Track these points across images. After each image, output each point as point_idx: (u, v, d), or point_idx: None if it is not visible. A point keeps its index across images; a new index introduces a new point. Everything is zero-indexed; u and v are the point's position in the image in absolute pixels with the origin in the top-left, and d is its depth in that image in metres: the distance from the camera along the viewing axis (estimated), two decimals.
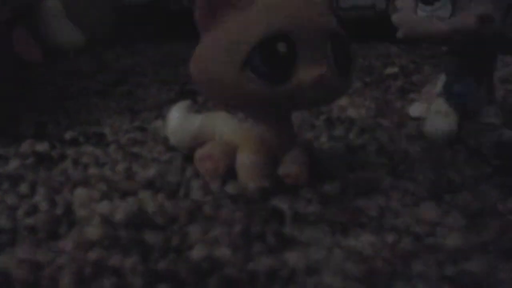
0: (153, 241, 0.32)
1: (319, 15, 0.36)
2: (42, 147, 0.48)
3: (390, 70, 0.75)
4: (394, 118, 0.54)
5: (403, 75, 0.72)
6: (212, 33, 0.36)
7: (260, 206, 0.36)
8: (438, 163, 0.42)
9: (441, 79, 0.50)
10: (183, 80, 0.70)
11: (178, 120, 0.44)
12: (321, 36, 0.35)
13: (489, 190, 0.38)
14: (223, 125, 0.41)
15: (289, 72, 0.34)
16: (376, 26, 0.85)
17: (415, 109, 0.54)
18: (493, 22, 0.42)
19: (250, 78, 0.34)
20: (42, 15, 0.92)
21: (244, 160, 0.38)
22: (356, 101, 0.60)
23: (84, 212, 0.35)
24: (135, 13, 1.35)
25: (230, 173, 0.39)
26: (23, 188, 0.39)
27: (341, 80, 0.36)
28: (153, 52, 0.94)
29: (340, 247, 0.31)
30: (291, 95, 0.35)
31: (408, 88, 0.66)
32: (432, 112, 0.48)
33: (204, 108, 0.50)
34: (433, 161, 0.43)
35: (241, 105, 0.37)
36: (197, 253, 0.30)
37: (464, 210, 0.35)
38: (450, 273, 0.28)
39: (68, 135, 0.50)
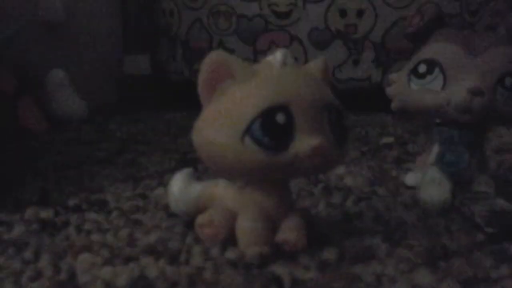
0: None
1: (317, 87, 0.38)
2: (46, 213, 0.49)
3: (386, 140, 0.77)
4: (390, 187, 0.55)
5: (399, 145, 0.74)
6: (214, 104, 0.38)
7: (259, 272, 0.37)
8: (433, 230, 0.44)
9: (434, 148, 0.51)
10: (184, 149, 0.71)
11: (179, 187, 0.46)
12: (318, 108, 0.37)
13: (483, 257, 0.39)
14: (223, 193, 0.43)
15: (288, 142, 0.36)
16: (372, 97, 0.87)
17: (410, 178, 0.55)
18: (483, 96, 0.44)
19: (250, 147, 0.35)
20: (47, 85, 0.95)
21: (244, 226, 0.39)
22: (353, 170, 0.62)
23: (87, 278, 0.36)
24: (137, 83, 1.38)
25: (230, 239, 0.40)
26: (28, 254, 0.40)
27: (337, 150, 0.38)
28: (154, 121, 0.97)
29: None
30: (289, 164, 0.36)
31: (404, 158, 0.67)
32: (426, 181, 0.50)
33: (205, 176, 0.52)
34: (428, 228, 0.44)
35: (240, 173, 0.39)
36: None
37: (459, 276, 0.36)
38: None
39: (71, 202, 0.52)
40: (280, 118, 0.36)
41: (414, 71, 0.47)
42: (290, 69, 0.39)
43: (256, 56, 1.01)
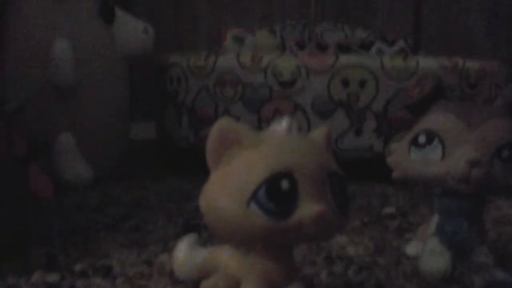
0: None
1: (320, 155, 0.40)
2: (52, 278, 0.49)
3: (388, 210, 0.77)
4: (392, 257, 0.56)
5: (400, 215, 0.75)
6: (221, 170, 0.39)
7: None
8: None
9: (434, 219, 0.52)
10: (188, 215, 0.73)
11: (184, 252, 0.47)
12: (322, 175, 0.39)
13: None
14: (228, 258, 0.43)
15: (292, 209, 0.37)
16: (374, 167, 0.89)
17: (411, 248, 0.56)
18: (481, 167, 0.45)
19: (255, 213, 0.37)
20: (55, 150, 0.97)
21: None
22: (355, 240, 0.62)
23: None
24: (143, 149, 1.40)
25: None
26: None
27: (339, 218, 0.39)
28: (159, 187, 0.98)
29: None
30: (293, 230, 0.37)
31: (405, 228, 0.68)
32: (426, 251, 0.50)
33: (208, 242, 0.52)
34: None
35: (245, 238, 0.40)
36: None
37: None
38: None
39: (77, 267, 0.52)
40: (284, 184, 0.37)
41: (414, 141, 0.48)
42: (294, 137, 0.40)
43: (261, 123, 1.03)
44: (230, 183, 0.38)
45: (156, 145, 1.34)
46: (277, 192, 0.37)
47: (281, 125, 0.41)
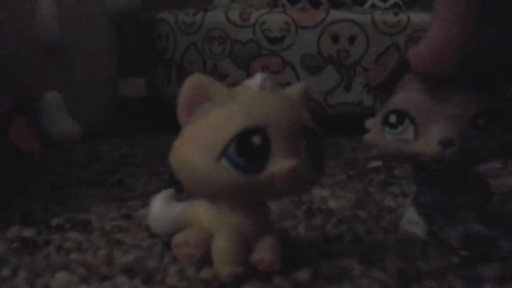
0: None
1: (294, 111, 0.39)
2: (28, 233, 0.49)
3: (374, 164, 0.77)
4: (373, 210, 0.56)
5: (386, 169, 0.74)
6: (192, 126, 0.38)
7: None
8: (409, 253, 0.44)
9: (413, 189, 0.51)
10: (173, 171, 0.72)
11: (160, 207, 0.46)
12: (295, 130, 0.38)
13: (455, 280, 0.39)
14: (202, 213, 0.43)
15: (263, 164, 0.36)
16: (363, 121, 0.88)
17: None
18: (455, 145, 0.43)
19: (226, 168, 0.36)
20: (41, 107, 0.96)
21: (219, 246, 0.39)
22: (337, 193, 0.62)
23: None
24: (133, 106, 1.39)
25: (207, 259, 0.40)
26: (6, 271, 0.41)
27: (313, 173, 0.39)
28: (147, 143, 0.97)
29: None
30: (264, 186, 0.37)
31: (389, 182, 0.68)
32: (404, 221, 0.50)
33: (189, 198, 0.52)
34: (405, 251, 0.44)
35: (216, 194, 0.39)
36: None
37: None
38: None
39: (54, 222, 0.52)
40: (256, 140, 0.36)
41: (386, 121, 0.46)
42: (268, 92, 0.39)
43: None
44: (200, 139, 0.37)
45: (147, 102, 1.33)
46: (248, 148, 0.36)
47: (254, 80, 0.40)
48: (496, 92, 0.45)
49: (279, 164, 0.36)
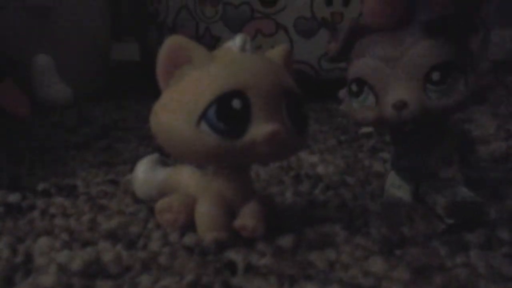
0: None
1: (275, 74, 0.38)
2: (13, 197, 0.49)
3: (365, 129, 0.76)
4: (361, 176, 0.56)
5: (377, 135, 0.74)
6: (171, 89, 0.38)
7: (214, 258, 0.37)
8: (395, 219, 0.44)
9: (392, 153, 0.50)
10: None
11: (144, 172, 0.46)
12: (276, 94, 0.37)
13: (439, 246, 0.39)
14: (186, 178, 0.43)
15: (244, 128, 0.36)
16: None
17: None
18: (408, 106, 0.42)
19: (206, 132, 0.36)
20: (32, 70, 0.95)
21: (202, 211, 0.39)
22: (327, 159, 0.62)
23: (43, 261, 0.36)
24: (126, 70, 1.38)
25: (190, 225, 0.40)
26: None
27: (295, 137, 0.38)
28: (139, 108, 0.97)
29: None
30: (245, 150, 0.36)
31: (379, 147, 0.67)
32: (387, 185, 0.49)
33: (176, 162, 0.52)
34: (390, 217, 0.44)
35: (197, 159, 0.39)
36: None
37: (412, 264, 0.36)
38: None
39: (40, 187, 0.52)
40: (236, 103, 0.36)
41: (349, 91, 0.45)
42: (248, 55, 0.39)
43: None
44: (179, 102, 0.37)
45: (140, 65, 1.32)
46: (228, 111, 0.36)
47: (234, 42, 0.39)
48: (453, 44, 0.43)
49: (260, 129, 0.36)
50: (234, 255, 0.37)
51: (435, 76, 0.42)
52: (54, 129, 0.79)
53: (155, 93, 0.40)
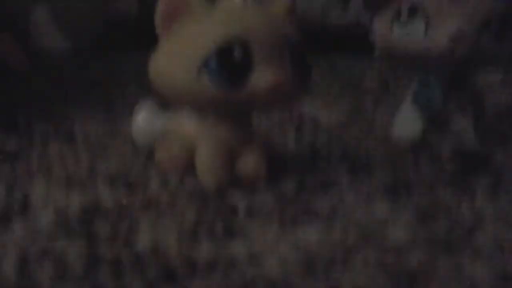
0: (101, 230, 0.32)
1: (277, 24, 0.37)
2: (11, 145, 0.48)
3: (369, 82, 0.75)
4: (364, 126, 0.55)
5: (381, 87, 0.73)
6: (171, 38, 0.37)
7: (215, 201, 0.36)
8: (399, 165, 0.43)
9: (413, 87, 0.50)
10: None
11: (143, 119, 0.45)
12: (279, 44, 0.36)
13: (445, 192, 0.38)
14: (186, 124, 0.42)
15: (246, 77, 0.35)
16: (361, 40, 0.86)
17: None
18: (465, 41, 0.42)
19: (207, 82, 0.35)
20: (29, 22, 0.94)
21: (202, 156, 0.39)
22: (330, 107, 0.61)
23: (40, 204, 0.36)
24: (125, 22, 1.36)
25: (191, 170, 0.39)
26: None
27: (297, 86, 0.37)
28: (137, 58, 0.95)
29: (286, 239, 0.31)
30: (246, 99, 0.35)
31: (384, 98, 0.66)
32: (400, 118, 0.49)
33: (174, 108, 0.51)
34: (394, 163, 0.43)
35: (198, 107, 0.38)
36: (142, 242, 0.31)
37: (416, 208, 0.36)
38: (390, 262, 0.29)
39: (38, 132, 0.51)
40: (238, 52, 0.35)
41: (397, 17, 0.45)
42: (250, 7, 0.38)
43: None
44: (180, 51, 0.36)
45: (139, 17, 1.30)
46: (229, 60, 0.35)
47: None
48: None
49: (262, 78, 0.35)
50: (235, 199, 0.37)
51: (494, 27, 0.42)
52: (52, 80, 0.77)
53: (154, 45, 0.38)
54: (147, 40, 0.40)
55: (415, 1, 0.44)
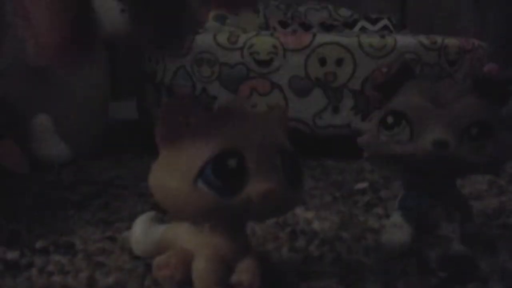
0: None
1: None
2: (12, 255, 0.49)
3: (360, 185, 0.78)
4: (356, 231, 0.56)
5: (372, 191, 0.75)
6: (169, 149, 0.39)
7: None
8: (389, 274, 0.44)
9: (400, 194, 0.52)
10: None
11: (141, 230, 0.47)
12: (271, 153, 0.38)
13: None
14: (183, 235, 0.43)
15: (240, 186, 0.37)
16: (351, 144, 0.88)
17: None
18: (448, 147, 0.45)
19: (203, 190, 0.37)
20: (31, 129, 0.96)
21: (199, 267, 0.40)
22: (322, 215, 0.62)
23: None
24: (123, 128, 1.40)
25: (188, 281, 0.40)
26: None
27: (290, 194, 0.39)
28: (136, 166, 0.97)
29: None
30: (241, 208, 0.37)
31: (374, 203, 0.68)
32: (388, 225, 0.51)
33: (173, 219, 0.52)
34: (385, 272, 0.45)
35: (194, 216, 0.40)
36: None
37: None
38: None
39: (39, 244, 0.52)
40: (231, 162, 0.37)
41: (383, 122, 0.48)
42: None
43: None
44: (177, 161, 0.38)
45: (138, 124, 1.34)
46: (224, 170, 0.37)
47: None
48: (492, 107, 0.47)
49: (256, 187, 0.37)
50: None
51: (474, 131, 0.45)
52: (52, 187, 0.79)
53: (152, 151, 0.41)
54: (146, 144, 0.42)
55: (401, 108, 0.47)
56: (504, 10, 1.57)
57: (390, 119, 0.47)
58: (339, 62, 1.01)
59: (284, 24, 1.48)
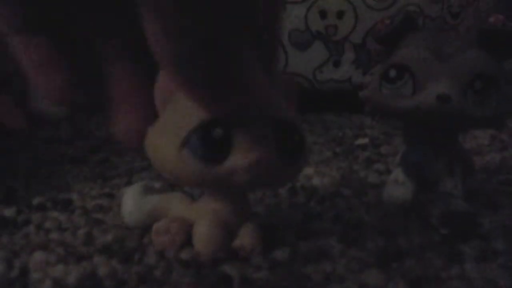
0: None
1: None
2: (9, 212, 0.49)
3: (361, 141, 0.77)
4: (356, 187, 0.56)
5: (373, 146, 0.74)
6: (163, 115, 0.38)
7: (210, 272, 0.37)
8: (390, 231, 0.44)
9: (402, 149, 0.52)
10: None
11: (133, 200, 0.45)
12: (261, 122, 0.36)
13: (435, 258, 0.39)
14: (179, 204, 0.43)
15: (225, 156, 0.35)
16: (352, 98, 0.87)
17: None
18: (451, 101, 0.44)
19: (188, 158, 0.36)
20: (27, 85, 0.95)
21: (200, 232, 0.40)
22: (322, 171, 0.62)
23: (38, 276, 0.36)
24: None
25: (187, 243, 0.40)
26: None
27: (284, 167, 0.37)
28: None
29: None
30: (226, 177, 0.36)
31: (375, 159, 0.67)
32: (390, 180, 0.50)
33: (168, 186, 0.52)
34: (385, 229, 0.44)
35: (182, 182, 0.39)
36: None
37: (408, 276, 0.36)
38: None
39: (36, 201, 0.52)
40: (217, 132, 0.35)
41: (385, 76, 0.47)
42: None
43: None
44: (167, 127, 0.37)
45: None
46: (209, 139, 0.35)
47: None
48: (497, 60, 0.46)
49: (240, 157, 0.35)
50: (230, 269, 0.37)
51: (478, 84, 0.44)
52: (49, 143, 0.79)
53: None
54: None
55: (404, 61, 0.46)
56: None
57: (392, 73, 0.46)
58: (340, 14, 0.99)
59: None
